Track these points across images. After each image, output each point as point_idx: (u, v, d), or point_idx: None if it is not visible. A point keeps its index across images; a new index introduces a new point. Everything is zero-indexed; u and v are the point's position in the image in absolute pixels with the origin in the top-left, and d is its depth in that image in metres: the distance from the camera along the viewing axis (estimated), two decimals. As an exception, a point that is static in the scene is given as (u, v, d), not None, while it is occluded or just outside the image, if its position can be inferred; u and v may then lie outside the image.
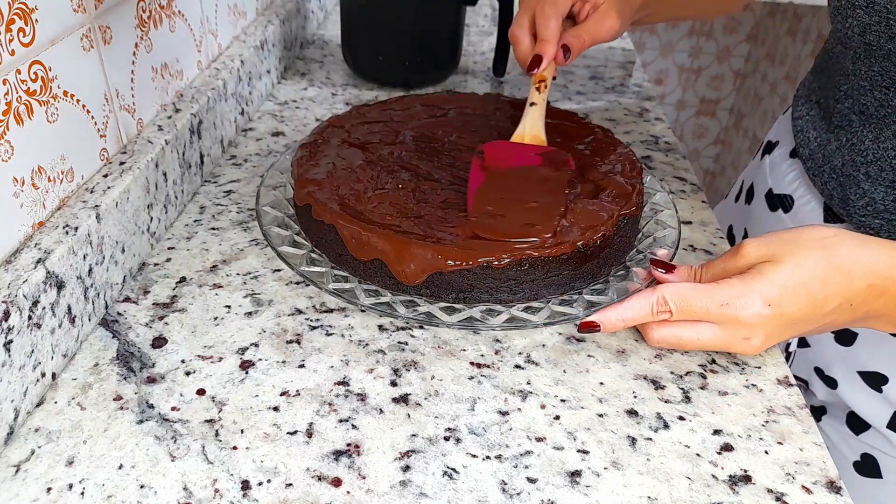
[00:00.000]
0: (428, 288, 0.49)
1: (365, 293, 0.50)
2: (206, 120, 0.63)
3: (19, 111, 0.41)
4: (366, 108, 0.66)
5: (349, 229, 0.50)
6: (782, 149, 0.67)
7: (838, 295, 0.42)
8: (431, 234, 0.49)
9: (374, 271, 0.50)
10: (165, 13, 0.59)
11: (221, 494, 0.38)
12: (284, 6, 0.86)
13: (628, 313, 0.45)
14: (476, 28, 1.04)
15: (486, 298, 0.49)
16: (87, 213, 0.46)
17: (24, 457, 0.39)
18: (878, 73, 0.51)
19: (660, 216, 0.57)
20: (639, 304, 0.45)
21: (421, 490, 0.38)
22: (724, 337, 0.44)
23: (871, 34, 0.50)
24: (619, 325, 0.46)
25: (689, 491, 0.39)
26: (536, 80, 0.60)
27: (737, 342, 0.44)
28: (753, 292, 0.42)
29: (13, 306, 0.38)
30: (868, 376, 0.56)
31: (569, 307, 0.49)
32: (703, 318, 0.44)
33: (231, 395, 0.43)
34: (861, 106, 0.54)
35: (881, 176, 0.52)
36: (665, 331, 0.45)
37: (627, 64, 0.95)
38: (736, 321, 0.43)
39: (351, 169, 0.57)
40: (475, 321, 0.48)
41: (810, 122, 0.60)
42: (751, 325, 0.43)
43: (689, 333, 0.45)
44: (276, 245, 0.52)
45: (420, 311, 0.48)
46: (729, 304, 0.43)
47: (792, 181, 0.63)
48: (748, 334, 0.43)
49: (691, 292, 0.44)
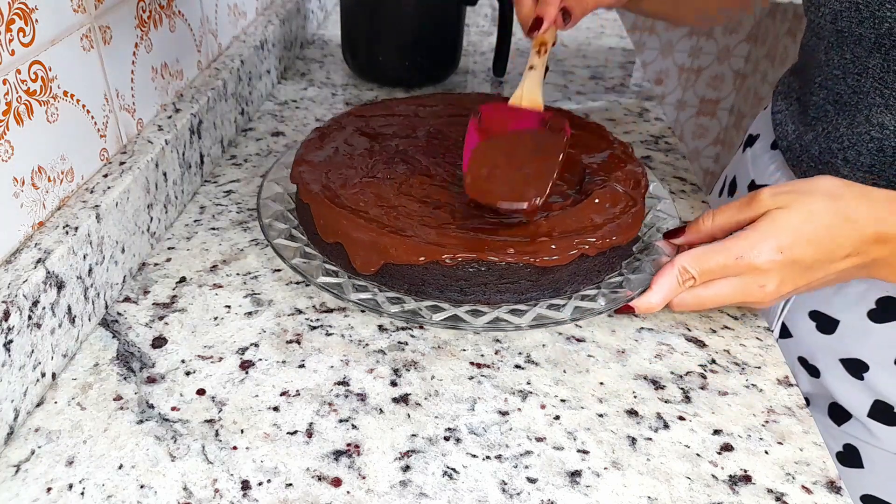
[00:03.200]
0: (382, 277, 0.49)
1: (354, 288, 0.50)
2: (206, 120, 0.63)
3: (19, 111, 0.41)
4: (395, 102, 0.67)
5: (318, 209, 0.51)
6: (763, 141, 0.68)
7: (847, 242, 0.44)
8: (395, 225, 0.49)
9: (337, 254, 0.51)
10: (165, 13, 0.59)
11: (221, 494, 0.38)
12: (284, 6, 0.86)
13: (659, 293, 0.47)
14: (476, 28, 1.04)
15: (436, 295, 0.49)
16: (87, 213, 0.46)
17: (24, 457, 0.39)
18: (850, 61, 0.52)
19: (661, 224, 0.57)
20: (665, 280, 0.47)
21: (421, 490, 0.38)
22: (741, 287, 0.45)
23: (842, 20, 0.51)
24: (655, 306, 0.47)
25: (689, 491, 0.39)
26: (537, 44, 0.60)
27: (753, 291, 0.45)
28: (766, 239, 0.44)
29: (13, 306, 0.38)
30: (849, 364, 0.56)
31: (557, 311, 0.49)
32: (723, 274, 0.45)
33: (231, 395, 0.43)
34: (835, 95, 0.55)
35: (859, 161, 0.53)
36: (684, 293, 0.47)
37: (627, 64, 0.94)
38: (753, 269, 0.44)
39: (351, 156, 0.57)
40: (460, 320, 0.48)
41: (789, 117, 0.62)
42: (765, 272, 0.44)
43: (707, 291, 0.46)
44: (272, 239, 0.53)
45: (406, 308, 0.48)
46: (744, 256, 0.44)
47: (773, 172, 0.64)
48: (763, 281, 0.45)
49: (707, 253, 0.45)
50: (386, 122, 0.63)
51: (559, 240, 0.49)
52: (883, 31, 0.48)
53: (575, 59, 0.95)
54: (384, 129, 0.62)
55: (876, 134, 0.51)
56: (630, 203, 0.53)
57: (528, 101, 0.58)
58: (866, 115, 0.52)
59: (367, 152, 0.58)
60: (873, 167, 0.52)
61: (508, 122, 0.56)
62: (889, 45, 0.48)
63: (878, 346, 0.55)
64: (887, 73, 0.49)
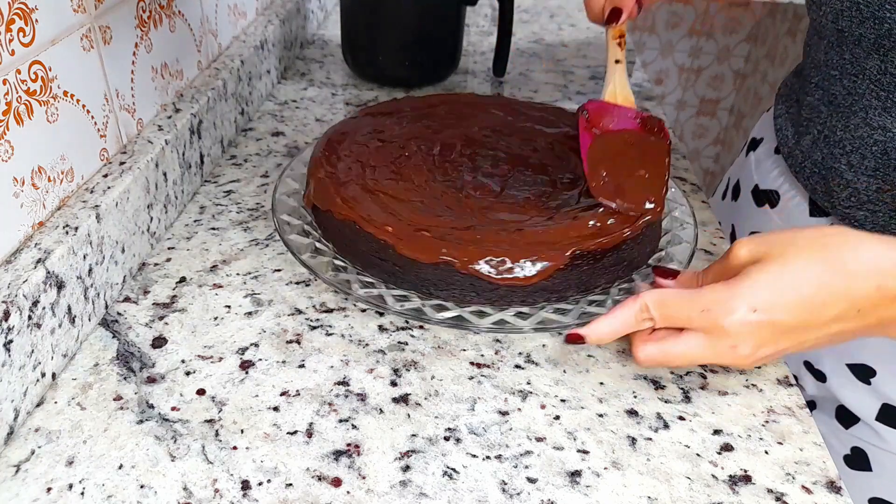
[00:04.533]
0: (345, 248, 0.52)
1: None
2: (206, 120, 0.63)
3: (19, 111, 0.41)
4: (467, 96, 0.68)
5: (319, 174, 0.55)
6: (766, 145, 0.68)
7: (841, 299, 0.38)
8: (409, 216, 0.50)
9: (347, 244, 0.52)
10: (165, 13, 0.59)
11: (221, 494, 0.38)
12: (284, 6, 0.85)
13: (613, 323, 0.43)
14: (476, 28, 1.04)
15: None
16: (87, 213, 0.46)
17: (24, 457, 0.39)
18: (849, 62, 0.52)
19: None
20: (622, 313, 0.42)
21: (421, 490, 0.38)
22: (711, 347, 0.40)
23: (843, 20, 0.51)
24: (605, 337, 0.43)
25: (689, 491, 0.39)
26: (616, 35, 0.58)
27: (724, 352, 0.40)
28: (736, 297, 0.39)
29: (13, 306, 0.38)
30: (856, 369, 0.56)
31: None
32: (686, 325, 0.41)
33: (231, 395, 0.43)
34: (830, 96, 0.55)
35: (863, 164, 0.52)
36: (650, 347, 0.42)
37: (627, 64, 0.94)
38: (719, 329, 0.40)
39: (388, 140, 0.59)
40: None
41: (789, 120, 0.61)
42: (736, 334, 0.39)
43: (674, 348, 0.41)
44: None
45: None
46: (710, 310, 0.39)
47: (777, 177, 0.64)
48: (734, 342, 0.40)
49: (673, 298, 0.41)
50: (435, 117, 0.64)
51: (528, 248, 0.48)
52: (883, 31, 0.48)
53: (575, 59, 0.95)
54: (435, 123, 0.63)
55: (879, 137, 0.51)
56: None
57: (622, 98, 0.58)
58: (864, 118, 0.52)
59: (390, 142, 0.59)
60: (878, 170, 0.52)
61: (611, 121, 0.56)
62: (888, 47, 0.48)
63: (884, 351, 0.54)
64: (884, 76, 0.49)
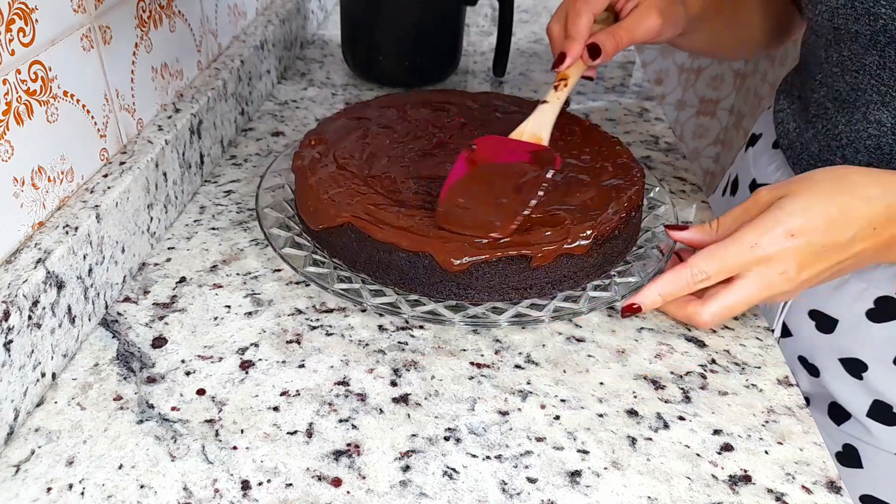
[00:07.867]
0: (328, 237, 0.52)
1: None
2: (206, 120, 0.63)
3: (19, 111, 0.41)
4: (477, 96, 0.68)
5: (302, 159, 0.56)
6: (765, 140, 0.68)
7: (859, 217, 0.43)
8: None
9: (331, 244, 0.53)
10: (165, 13, 0.59)
11: (221, 494, 0.38)
12: (284, 6, 0.85)
13: (666, 287, 0.46)
14: (476, 28, 1.04)
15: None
16: (87, 213, 0.46)
17: (24, 457, 0.39)
18: (848, 58, 0.52)
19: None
20: (673, 277, 0.45)
21: (421, 490, 0.38)
22: (764, 281, 0.44)
23: (838, 18, 0.51)
24: (659, 300, 0.46)
25: (689, 491, 0.39)
26: (558, 79, 0.59)
27: (776, 281, 0.44)
28: (777, 226, 0.43)
29: (13, 306, 0.38)
30: (848, 363, 0.56)
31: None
32: (741, 269, 0.44)
33: (231, 395, 0.43)
34: (834, 93, 0.55)
35: (857, 158, 0.53)
36: (711, 307, 0.45)
37: (627, 64, 0.94)
38: (768, 259, 0.43)
39: (383, 125, 0.62)
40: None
41: (790, 115, 0.62)
42: (782, 259, 0.43)
43: (732, 297, 0.45)
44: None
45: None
46: (758, 244, 0.43)
47: (774, 171, 0.64)
48: (783, 267, 0.44)
49: (720, 249, 0.44)
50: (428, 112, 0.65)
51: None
52: (878, 27, 0.48)
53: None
54: (425, 116, 0.64)
55: (874, 131, 0.52)
56: None
57: (529, 136, 0.56)
58: (864, 113, 0.52)
59: (387, 132, 0.61)
60: (871, 164, 0.52)
61: (501, 155, 0.55)
62: (885, 42, 0.48)
63: (876, 346, 0.55)
64: (884, 70, 0.50)
